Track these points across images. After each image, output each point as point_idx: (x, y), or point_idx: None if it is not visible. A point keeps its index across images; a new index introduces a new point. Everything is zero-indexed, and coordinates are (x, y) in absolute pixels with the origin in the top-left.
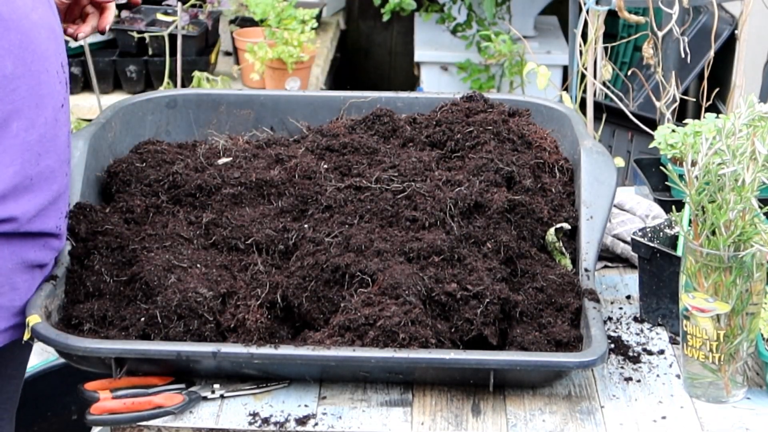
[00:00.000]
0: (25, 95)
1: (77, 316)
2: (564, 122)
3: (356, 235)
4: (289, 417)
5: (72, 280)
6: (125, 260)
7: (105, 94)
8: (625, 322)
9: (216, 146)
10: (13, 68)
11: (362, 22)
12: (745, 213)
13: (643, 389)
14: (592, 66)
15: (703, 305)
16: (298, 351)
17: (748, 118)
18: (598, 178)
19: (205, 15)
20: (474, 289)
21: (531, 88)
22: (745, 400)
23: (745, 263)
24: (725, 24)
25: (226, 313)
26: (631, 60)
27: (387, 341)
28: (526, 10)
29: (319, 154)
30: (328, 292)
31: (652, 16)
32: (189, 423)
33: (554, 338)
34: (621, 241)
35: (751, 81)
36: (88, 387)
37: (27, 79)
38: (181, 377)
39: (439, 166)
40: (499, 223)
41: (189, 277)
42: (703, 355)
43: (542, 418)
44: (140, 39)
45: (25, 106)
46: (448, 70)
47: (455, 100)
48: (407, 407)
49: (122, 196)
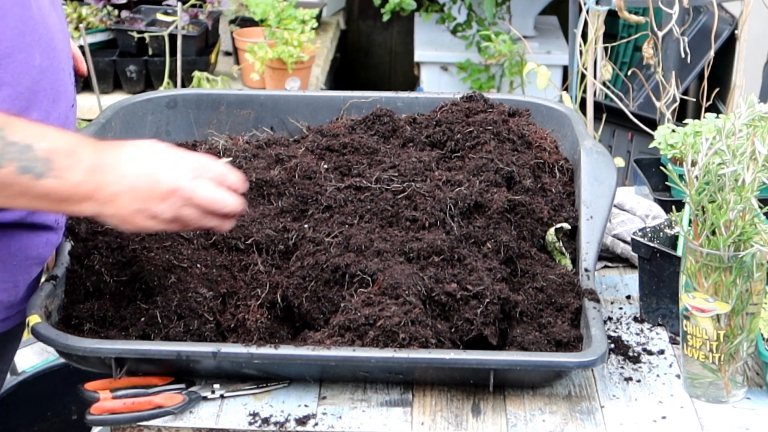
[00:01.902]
0: (47, 87)
1: (77, 316)
2: (564, 122)
3: (356, 235)
4: (289, 417)
5: (72, 280)
6: (125, 260)
7: (105, 94)
8: (625, 322)
9: (216, 146)
10: (40, 60)
11: (362, 22)
12: (745, 213)
13: (643, 389)
14: (592, 66)
15: (703, 305)
16: (298, 351)
17: (748, 118)
18: (598, 178)
19: (205, 15)
20: (474, 289)
21: (531, 88)
22: (745, 400)
23: (745, 263)
24: (725, 24)
25: (226, 313)
26: (631, 60)
27: (387, 341)
28: (526, 10)
29: (319, 154)
30: (328, 292)
31: (652, 16)
32: (189, 423)
33: (554, 338)
34: (621, 241)
35: (751, 81)
36: (88, 387)
37: (50, 74)
38: (181, 377)
39: (439, 166)
40: (499, 223)
41: (189, 277)
42: (703, 355)
43: (542, 418)
44: (140, 39)
45: (45, 99)
46: (448, 70)
47: (455, 100)
48: (407, 407)
49: None
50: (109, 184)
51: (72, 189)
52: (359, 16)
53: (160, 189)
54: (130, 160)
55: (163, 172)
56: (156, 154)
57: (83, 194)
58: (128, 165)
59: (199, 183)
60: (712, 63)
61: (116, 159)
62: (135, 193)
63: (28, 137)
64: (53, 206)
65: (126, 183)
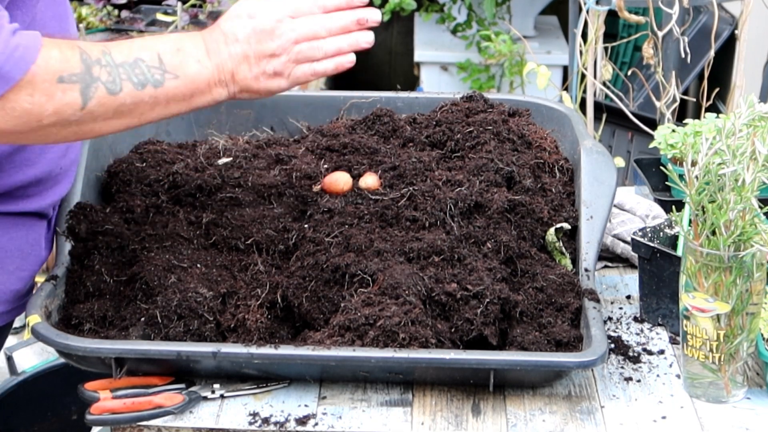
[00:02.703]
0: None
1: (77, 316)
2: (564, 122)
3: (356, 235)
4: (289, 417)
5: (72, 280)
6: (125, 260)
7: None
8: (625, 322)
9: (216, 146)
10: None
11: None
12: (745, 213)
13: (643, 389)
14: (592, 66)
15: (703, 305)
16: (298, 351)
17: (748, 118)
18: (598, 178)
19: (205, 15)
20: (474, 289)
21: (531, 88)
22: (745, 400)
23: (745, 263)
24: (725, 24)
25: (226, 313)
26: (631, 60)
27: (387, 341)
28: (526, 10)
29: (319, 154)
30: (328, 292)
31: (652, 16)
32: (189, 423)
33: (554, 338)
34: (621, 241)
35: (751, 81)
36: (88, 387)
37: None
38: (181, 377)
39: (439, 166)
40: (499, 223)
41: (189, 277)
42: (703, 355)
43: (542, 418)
44: None
45: None
46: (448, 70)
47: (455, 100)
48: (407, 407)
49: (122, 196)
50: (224, 61)
51: (194, 82)
52: None
53: (264, 26)
54: (228, 26)
55: (259, 13)
56: (248, 6)
57: (206, 82)
58: (229, 31)
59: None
60: (712, 63)
61: (218, 35)
62: (248, 54)
63: (134, 53)
64: (187, 104)
65: (237, 51)
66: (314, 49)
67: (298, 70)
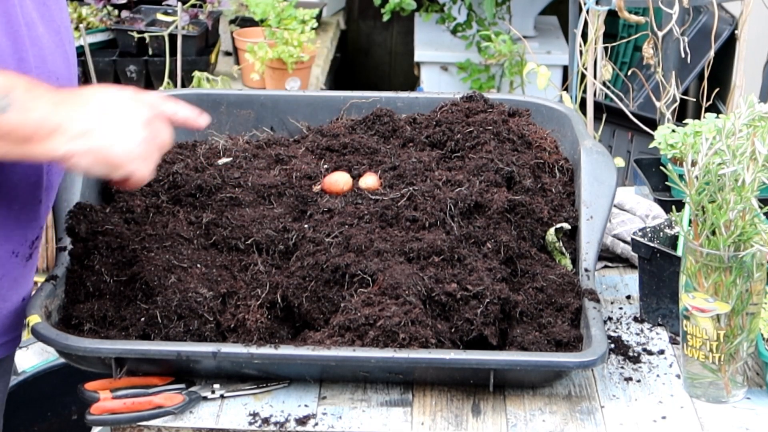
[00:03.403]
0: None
1: (77, 316)
2: (564, 122)
3: (356, 235)
4: (289, 417)
5: (72, 280)
6: (125, 260)
7: None
8: (625, 322)
9: (216, 146)
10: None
11: (362, 22)
12: (745, 213)
13: (643, 389)
14: (592, 66)
15: (703, 305)
16: (298, 351)
17: (748, 118)
18: (598, 178)
19: (205, 15)
20: (474, 289)
21: (531, 88)
22: (745, 400)
23: (745, 263)
24: (725, 24)
25: (226, 313)
26: (631, 60)
27: (387, 341)
28: (526, 10)
29: (319, 154)
30: (328, 292)
31: (652, 16)
32: (189, 423)
33: (554, 338)
34: (621, 241)
35: (751, 81)
36: (88, 387)
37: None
38: (181, 377)
39: (439, 166)
40: (499, 223)
41: (189, 277)
42: (703, 355)
43: (542, 418)
44: (140, 39)
45: None
46: (448, 70)
47: (455, 100)
48: (407, 407)
49: (122, 196)
50: (80, 115)
51: (37, 123)
52: (359, 16)
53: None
54: (94, 91)
55: (129, 101)
56: (111, 92)
57: (51, 127)
58: (94, 93)
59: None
60: (712, 63)
61: (79, 92)
62: (111, 116)
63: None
64: (19, 147)
65: (98, 110)
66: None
67: (151, 141)
